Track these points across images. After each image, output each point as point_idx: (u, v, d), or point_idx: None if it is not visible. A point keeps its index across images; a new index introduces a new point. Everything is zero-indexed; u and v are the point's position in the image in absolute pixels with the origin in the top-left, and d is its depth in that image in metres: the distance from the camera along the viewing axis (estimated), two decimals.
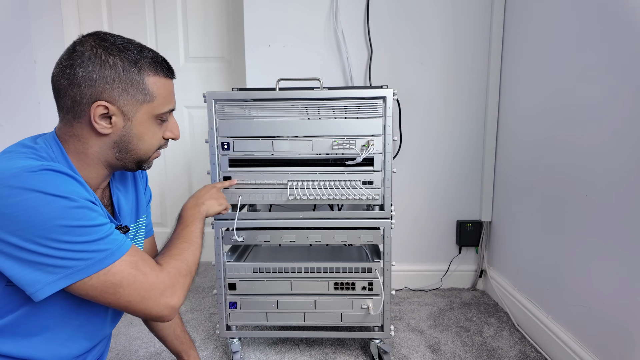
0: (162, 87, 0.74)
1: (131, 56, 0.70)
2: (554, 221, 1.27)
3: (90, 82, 0.67)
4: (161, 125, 0.77)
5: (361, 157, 1.15)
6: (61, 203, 0.60)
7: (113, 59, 0.68)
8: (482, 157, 1.74)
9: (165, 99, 0.75)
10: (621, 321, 0.99)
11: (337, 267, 1.21)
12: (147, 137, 0.75)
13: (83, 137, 0.70)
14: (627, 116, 0.97)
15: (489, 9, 1.64)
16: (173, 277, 0.72)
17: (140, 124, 0.73)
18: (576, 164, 1.16)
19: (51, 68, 0.71)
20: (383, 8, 1.66)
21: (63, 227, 0.59)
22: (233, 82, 2.02)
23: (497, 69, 1.64)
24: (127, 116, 0.71)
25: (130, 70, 0.69)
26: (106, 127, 0.70)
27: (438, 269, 1.81)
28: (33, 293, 0.60)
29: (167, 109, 0.76)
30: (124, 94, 0.69)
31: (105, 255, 0.63)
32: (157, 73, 0.73)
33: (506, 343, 1.37)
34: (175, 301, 0.71)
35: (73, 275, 0.61)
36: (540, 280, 1.35)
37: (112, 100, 0.68)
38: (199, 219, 0.92)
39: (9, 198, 0.57)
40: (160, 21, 2.00)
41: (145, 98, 0.71)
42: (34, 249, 0.59)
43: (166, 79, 0.75)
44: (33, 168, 0.60)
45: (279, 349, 1.35)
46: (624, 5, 0.98)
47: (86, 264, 0.62)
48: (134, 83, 0.70)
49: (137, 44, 0.72)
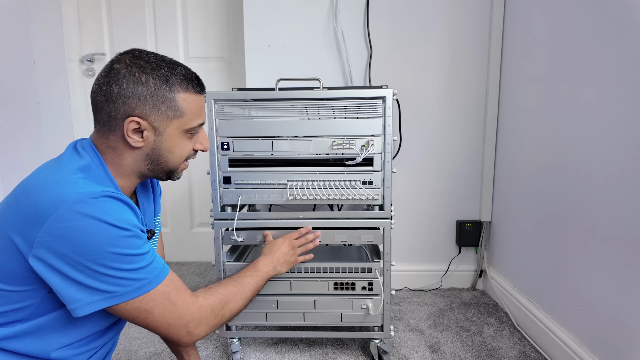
0: (192, 103, 0.77)
1: (163, 74, 0.73)
2: (554, 221, 1.27)
3: (124, 99, 0.71)
4: (191, 139, 0.81)
5: (361, 157, 1.15)
6: (115, 232, 0.65)
7: (146, 77, 0.72)
8: (482, 157, 1.74)
9: (195, 114, 0.78)
10: (621, 321, 0.99)
11: (337, 267, 1.21)
12: (177, 150, 0.79)
13: (118, 150, 0.75)
14: (627, 116, 0.97)
15: (488, 8, 1.65)
16: (203, 313, 0.77)
17: (170, 138, 0.76)
18: (576, 164, 1.16)
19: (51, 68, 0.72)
20: (383, 8, 1.66)
21: (113, 254, 0.65)
22: (233, 82, 2.02)
23: (497, 68, 1.64)
24: (158, 131, 0.74)
25: (161, 87, 0.73)
26: (138, 140, 0.73)
27: (438, 269, 1.81)
28: (73, 310, 0.66)
29: (197, 123, 0.79)
30: (155, 110, 0.73)
31: (143, 284, 0.69)
32: (187, 89, 0.76)
33: (506, 343, 1.37)
34: (197, 334, 0.77)
35: (111, 299, 0.67)
36: (540, 280, 1.36)
37: (143, 116, 0.72)
38: (262, 277, 1.01)
39: (71, 222, 0.62)
40: (160, 21, 2.00)
41: (175, 114, 0.75)
42: (82, 271, 0.64)
43: (196, 95, 0.78)
44: (95, 194, 0.65)
45: (279, 349, 1.35)
46: (624, 4, 0.98)
47: (125, 290, 0.67)
48: (165, 100, 0.73)
49: (170, 61, 0.76)
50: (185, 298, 0.75)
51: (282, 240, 1.12)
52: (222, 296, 0.83)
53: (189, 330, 0.75)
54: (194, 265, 2.13)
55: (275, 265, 1.06)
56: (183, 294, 0.75)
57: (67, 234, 0.62)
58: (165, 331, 0.73)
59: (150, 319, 0.71)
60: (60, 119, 1.91)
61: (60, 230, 0.62)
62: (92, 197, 0.64)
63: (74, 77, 1.99)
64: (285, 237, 1.14)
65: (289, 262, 1.11)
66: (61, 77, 1.91)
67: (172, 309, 0.73)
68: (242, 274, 0.97)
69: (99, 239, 0.63)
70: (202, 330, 0.77)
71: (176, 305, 0.73)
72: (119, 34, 2.01)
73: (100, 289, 0.65)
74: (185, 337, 0.75)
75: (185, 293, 0.76)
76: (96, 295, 0.65)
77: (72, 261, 0.63)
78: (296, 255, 1.14)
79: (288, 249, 1.11)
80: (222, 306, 0.82)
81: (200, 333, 0.77)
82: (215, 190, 1.19)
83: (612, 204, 1.02)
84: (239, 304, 0.88)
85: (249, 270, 0.99)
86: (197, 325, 0.76)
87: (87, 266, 0.64)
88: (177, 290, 0.74)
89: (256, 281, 0.97)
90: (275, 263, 1.07)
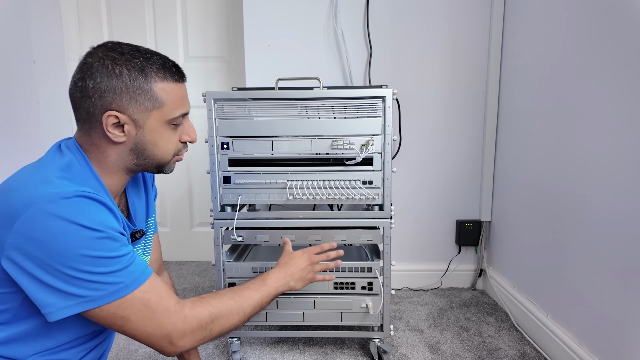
0: (171, 92, 0.73)
1: (137, 64, 0.70)
2: (554, 221, 1.27)
3: (100, 93, 0.68)
4: (176, 130, 0.77)
5: (361, 156, 1.15)
6: (86, 234, 0.62)
7: (120, 68, 0.68)
8: (481, 156, 1.74)
9: (176, 104, 0.74)
10: (620, 321, 0.99)
11: None
12: (162, 143, 0.75)
13: (101, 146, 0.72)
14: (627, 116, 0.97)
15: (488, 8, 1.64)
16: (187, 324, 0.71)
17: (153, 130, 0.73)
18: (576, 163, 1.16)
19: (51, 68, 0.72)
20: (383, 8, 1.66)
21: (84, 256, 0.62)
22: (232, 82, 2.02)
23: (497, 68, 1.64)
24: (139, 124, 0.71)
25: (137, 78, 0.69)
26: (119, 135, 0.71)
27: (437, 269, 1.81)
28: (47, 314, 0.63)
29: (179, 113, 0.75)
30: (133, 102, 0.70)
31: (118, 288, 0.65)
32: (165, 78, 0.72)
33: (505, 342, 1.37)
34: (180, 345, 0.70)
35: (85, 304, 0.63)
36: (540, 279, 1.36)
37: (121, 110, 0.69)
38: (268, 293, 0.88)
39: (40, 223, 0.60)
40: (159, 21, 2.00)
41: (154, 105, 0.71)
42: (53, 274, 0.61)
43: (175, 83, 0.74)
44: (67, 194, 0.62)
45: (279, 349, 1.35)
46: (624, 4, 0.98)
47: (100, 294, 0.63)
48: (142, 91, 0.70)
49: (146, 51, 0.72)
50: (167, 306, 0.69)
51: (300, 254, 0.99)
52: (213, 309, 0.75)
53: (170, 341, 0.69)
54: (194, 265, 2.13)
55: (288, 281, 0.93)
56: (166, 302, 0.69)
57: (37, 235, 0.60)
58: (144, 340, 0.69)
59: (128, 327, 0.67)
60: (60, 118, 1.91)
61: (30, 231, 0.59)
62: (64, 197, 0.61)
63: None
64: (305, 250, 1.01)
65: (305, 279, 0.97)
66: (61, 77, 1.91)
67: (151, 317, 0.67)
68: (246, 285, 0.86)
69: (70, 240, 0.60)
70: (186, 342, 0.71)
71: (156, 313, 0.68)
72: (118, 34, 2.01)
73: (72, 293, 0.62)
74: (167, 347, 0.70)
75: (169, 301, 0.70)
76: (69, 300, 0.62)
77: (43, 264, 0.60)
78: (314, 272, 1.00)
79: (306, 264, 0.98)
80: (211, 320, 0.74)
81: (184, 345, 0.71)
82: (215, 189, 1.19)
83: (611, 203, 1.02)
84: (233, 320, 0.78)
85: (255, 283, 0.88)
86: (179, 337, 0.70)
87: (58, 269, 0.61)
88: (159, 297, 0.69)
89: (260, 296, 0.86)
90: (289, 278, 0.94)
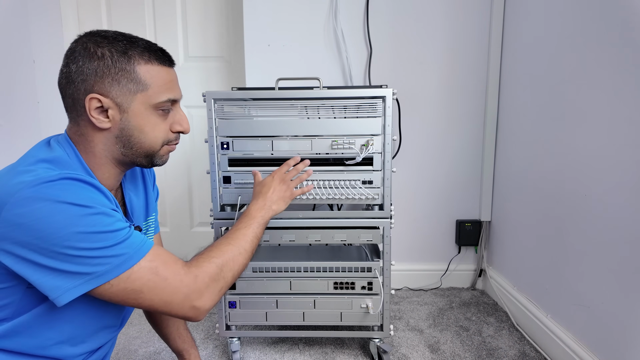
0: (156, 75, 0.71)
1: (120, 46, 0.68)
2: (554, 221, 1.27)
3: (83, 77, 0.67)
4: (165, 117, 0.74)
5: (361, 156, 1.15)
6: (76, 211, 0.59)
7: (102, 50, 0.67)
8: (481, 156, 1.74)
9: (162, 88, 0.71)
10: (620, 320, 0.99)
11: (336, 267, 1.21)
12: (148, 129, 0.72)
13: (88, 135, 0.70)
14: (626, 116, 0.97)
15: (488, 8, 1.64)
16: (200, 281, 0.70)
17: (138, 115, 0.70)
18: (575, 163, 1.16)
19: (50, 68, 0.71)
20: (383, 7, 1.66)
21: (79, 233, 0.59)
22: (232, 82, 2.02)
23: (497, 68, 1.64)
24: (122, 107, 0.69)
25: (119, 60, 0.67)
26: (104, 120, 0.69)
27: (437, 269, 1.81)
28: (55, 298, 0.61)
29: (166, 97, 0.72)
30: (115, 84, 0.67)
31: (123, 259, 0.63)
32: (149, 61, 0.70)
33: (505, 342, 1.37)
34: (202, 304, 0.70)
35: (93, 281, 0.61)
36: (540, 279, 1.36)
37: (104, 93, 0.67)
38: (257, 224, 0.90)
39: (24, 207, 0.57)
40: (159, 21, 2.00)
41: (138, 87, 0.69)
42: (52, 257, 0.59)
43: (161, 66, 0.72)
44: (51, 177, 0.59)
45: (279, 349, 1.35)
46: (624, 4, 0.98)
47: (105, 268, 0.62)
48: (124, 72, 0.68)
49: (130, 36, 0.71)
50: (176, 270, 0.68)
51: (270, 178, 1.02)
52: (217, 259, 0.75)
53: (192, 305, 0.69)
54: None
55: (270, 205, 0.96)
56: (173, 266, 0.68)
57: (24, 220, 0.57)
58: (165, 310, 0.67)
59: (143, 299, 0.65)
60: (60, 118, 1.90)
61: (16, 217, 0.57)
62: (47, 181, 0.59)
63: None
64: (273, 172, 1.04)
65: (284, 198, 1.00)
66: None
67: (164, 284, 0.66)
68: (235, 227, 0.87)
69: (59, 220, 0.58)
70: (206, 300, 0.70)
71: (167, 279, 0.66)
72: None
73: (78, 272, 0.60)
74: (190, 312, 0.69)
75: (176, 264, 0.69)
76: (75, 280, 0.60)
77: (38, 248, 0.58)
78: (290, 189, 1.03)
79: (279, 184, 1.01)
80: (220, 269, 0.74)
81: (205, 304, 0.70)
82: (215, 189, 1.19)
83: (611, 203, 1.02)
84: (239, 260, 0.80)
85: (242, 222, 0.88)
86: (198, 296, 0.69)
87: (56, 251, 0.59)
88: (166, 264, 0.67)
89: (253, 230, 0.87)
90: (269, 203, 0.96)
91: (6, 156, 1.74)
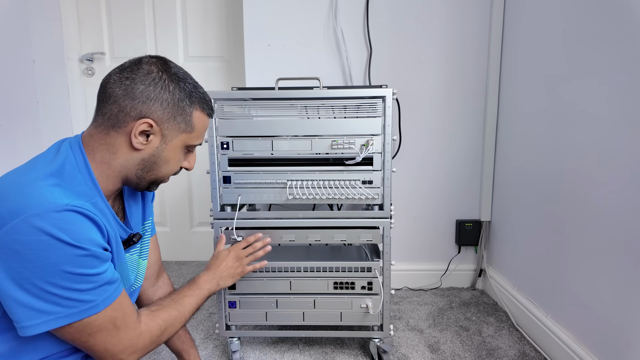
0: (202, 123, 0.80)
1: (187, 88, 0.76)
2: (553, 220, 1.27)
3: (146, 100, 0.71)
4: (185, 155, 0.82)
5: (361, 156, 1.15)
6: (71, 251, 0.62)
7: (173, 86, 0.74)
8: (481, 156, 1.74)
9: (200, 134, 0.81)
10: (620, 320, 0.99)
11: (336, 267, 1.21)
12: (173, 162, 0.79)
13: (114, 147, 0.73)
14: (626, 116, 0.97)
15: (488, 8, 1.64)
16: (141, 340, 0.74)
17: (173, 149, 0.77)
18: (575, 163, 1.16)
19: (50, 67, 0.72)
20: (383, 7, 1.66)
21: (65, 272, 0.62)
22: (232, 82, 2.02)
23: (497, 68, 1.64)
24: (166, 139, 0.75)
25: (184, 100, 0.75)
26: (142, 143, 0.73)
27: (437, 269, 1.81)
28: (19, 329, 0.63)
29: (198, 142, 0.82)
30: (172, 119, 0.74)
31: (90, 306, 0.65)
32: (203, 109, 0.79)
33: (505, 342, 1.37)
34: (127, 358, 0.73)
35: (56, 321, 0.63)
36: (540, 279, 1.36)
37: (158, 121, 0.73)
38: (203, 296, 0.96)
39: (26, 235, 0.59)
40: (159, 20, 2.00)
41: (186, 128, 0.77)
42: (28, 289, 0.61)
43: (207, 117, 0.82)
44: (57, 208, 0.61)
45: (279, 349, 1.35)
46: (624, 4, 0.98)
47: (70, 311, 0.63)
48: (183, 113, 0.75)
49: (193, 79, 0.79)
50: (129, 324, 0.72)
51: (226, 253, 1.08)
52: (162, 322, 0.80)
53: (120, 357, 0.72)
54: (194, 264, 2.13)
55: (218, 281, 1.02)
56: (129, 319, 0.72)
57: (20, 247, 0.59)
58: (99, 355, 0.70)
59: (89, 343, 0.68)
60: (60, 118, 1.91)
61: (14, 242, 0.59)
62: (53, 211, 0.60)
63: (74, 76, 1.99)
64: (231, 247, 1.10)
65: (234, 275, 1.07)
66: (61, 77, 1.91)
67: (114, 334, 0.70)
68: (183, 293, 0.93)
69: (53, 256, 0.60)
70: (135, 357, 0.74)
71: (119, 330, 0.70)
72: (118, 33, 2.01)
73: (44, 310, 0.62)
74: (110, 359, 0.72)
75: (131, 318, 0.73)
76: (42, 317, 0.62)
77: (20, 277, 0.60)
78: (243, 265, 1.09)
79: (233, 261, 1.07)
80: (161, 332, 0.79)
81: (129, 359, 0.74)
82: (214, 189, 1.19)
83: (611, 203, 1.02)
84: (176, 327, 0.85)
85: (190, 289, 0.95)
86: (132, 352, 0.73)
87: (35, 283, 0.60)
88: (124, 316, 0.71)
89: (196, 300, 0.93)
90: (218, 278, 1.03)
91: (6, 156, 1.74)
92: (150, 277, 1.00)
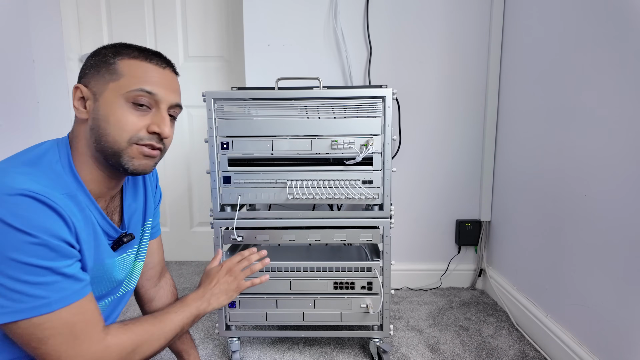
0: (135, 68, 0.70)
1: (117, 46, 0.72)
2: (553, 221, 1.27)
3: (82, 73, 0.72)
4: (139, 113, 0.70)
5: (360, 156, 1.15)
6: (19, 237, 0.57)
7: (104, 51, 0.71)
8: (481, 156, 1.74)
9: (136, 78, 0.69)
10: (620, 320, 0.99)
11: (336, 267, 1.21)
12: (114, 120, 0.68)
13: (75, 130, 0.72)
14: (626, 116, 0.97)
15: (488, 8, 1.65)
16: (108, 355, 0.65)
17: (107, 103, 0.68)
18: (575, 163, 1.16)
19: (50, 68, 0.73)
20: (383, 7, 1.66)
21: (11, 260, 0.57)
22: (232, 82, 2.02)
23: (497, 68, 1.64)
24: (96, 96, 0.69)
25: (108, 54, 0.71)
26: (82, 110, 0.70)
27: (437, 269, 1.81)
28: None
29: (136, 86, 0.69)
30: (95, 73, 0.70)
31: (40, 304, 0.58)
32: (134, 57, 0.71)
33: (505, 342, 1.37)
34: None
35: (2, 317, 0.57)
36: (539, 279, 1.36)
37: (86, 83, 0.70)
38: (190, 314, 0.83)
39: None
40: (159, 20, 2.00)
41: (112, 77, 0.69)
42: None
43: (146, 62, 0.71)
44: (10, 190, 0.57)
45: (278, 348, 1.35)
46: (624, 4, 0.98)
47: (18, 307, 0.57)
48: (106, 64, 0.70)
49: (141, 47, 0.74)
50: (92, 334, 0.63)
51: (218, 268, 0.94)
52: (135, 337, 0.70)
53: None
54: (194, 264, 2.13)
55: (208, 298, 0.88)
56: (92, 329, 0.63)
57: None
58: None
59: (41, 350, 0.60)
60: (60, 118, 1.91)
61: None
62: (6, 194, 0.57)
63: (74, 76, 1.99)
64: (224, 262, 0.95)
65: (228, 291, 0.92)
66: (60, 76, 1.91)
67: (72, 343, 0.61)
68: (168, 309, 0.81)
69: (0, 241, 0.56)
70: None
71: (77, 339, 0.61)
72: (118, 33, 2.01)
73: None
74: None
75: (96, 328, 0.64)
76: None
77: None
78: (238, 280, 0.93)
79: (225, 276, 0.93)
80: (133, 349, 0.69)
81: None
82: (214, 189, 1.19)
83: (611, 203, 1.02)
84: (154, 346, 0.73)
85: (176, 306, 0.83)
86: None
87: None
88: (86, 323, 0.63)
89: (181, 318, 0.80)
90: (209, 295, 0.88)
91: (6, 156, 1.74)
92: (152, 278, 0.99)
